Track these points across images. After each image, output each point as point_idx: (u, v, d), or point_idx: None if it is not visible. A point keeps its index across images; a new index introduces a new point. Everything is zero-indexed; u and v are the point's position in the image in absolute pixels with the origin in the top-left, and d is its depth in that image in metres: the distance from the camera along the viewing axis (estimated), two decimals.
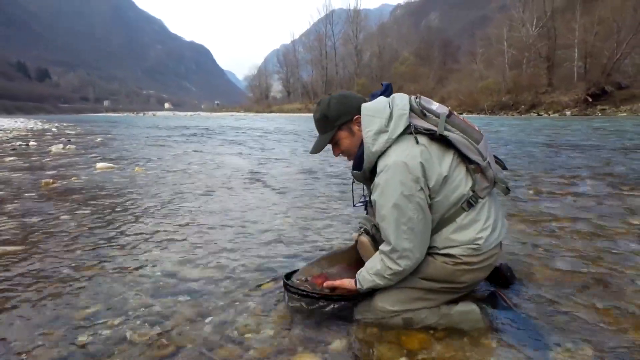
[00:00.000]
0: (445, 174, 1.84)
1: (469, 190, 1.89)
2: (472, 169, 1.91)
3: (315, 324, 2.03)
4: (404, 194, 1.78)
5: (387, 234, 1.83)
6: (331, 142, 2.09)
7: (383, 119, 1.89)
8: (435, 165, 1.84)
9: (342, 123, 2.03)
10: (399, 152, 1.84)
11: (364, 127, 1.93)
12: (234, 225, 3.82)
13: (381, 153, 1.88)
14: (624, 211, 4.08)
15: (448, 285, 1.96)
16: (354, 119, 2.02)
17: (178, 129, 24.09)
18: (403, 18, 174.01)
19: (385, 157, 1.86)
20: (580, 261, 2.81)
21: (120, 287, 2.48)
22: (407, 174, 1.79)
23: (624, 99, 38.01)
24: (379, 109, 1.94)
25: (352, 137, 2.05)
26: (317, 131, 2.11)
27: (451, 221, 1.89)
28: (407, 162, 1.80)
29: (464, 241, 1.89)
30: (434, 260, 1.93)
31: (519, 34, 55.70)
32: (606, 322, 2.01)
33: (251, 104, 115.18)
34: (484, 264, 1.95)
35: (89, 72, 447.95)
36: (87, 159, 8.99)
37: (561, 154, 9.06)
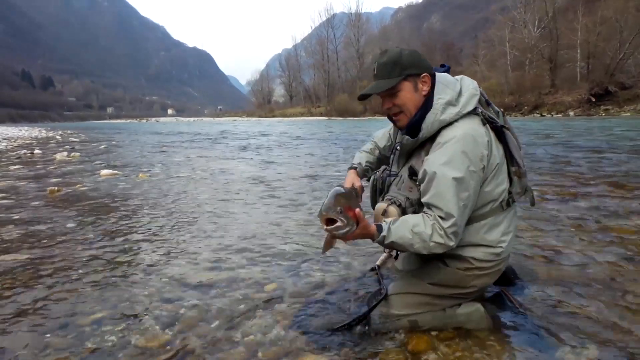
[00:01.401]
0: (499, 162, 1.83)
1: (508, 190, 1.88)
2: (513, 170, 1.90)
3: (321, 326, 2.04)
4: (470, 169, 1.71)
5: (447, 205, 1.68)
6: (390, 90, 1.88)
7: (455, 92, 1.86)
8: (495, 150, 1.82)
9: (410, 74, 1.87)
10: (466, 126, 1.79)
11: (436, 94, 1.86)
12: (238, 230, 3.83)
13: (447, 124, 1.82)
14: (629, 211, 4.06)
15: (457, 291, 1.95)
16: (421, 76, 1.90)
17: (181, 134, 24.20)
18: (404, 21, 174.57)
19: (453, 128, 1.80)
20: (585, 261, 2.81)
21: (126, 292, 2.50)
22: (475, 149, 1.74)
23: (627, 99, 37.88)
24: (451, 82, 1.91)
25: (414, 94, 1.90)
26: (374, 78, 1.92)
27: (485, 217, 1.84)
28: (476, 137, 1.77)
29: (491, 241, 1.86)
30: (444, 267, 1.92)
31: (521, 35, 55.70)
32: (611, 322, 2.01)
33: (254, 109, 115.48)
34: (495, 269, 1.94)
35: (93, 80, 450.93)
36: (92, 166, 9.05)
37: (565, 154, 9.03)
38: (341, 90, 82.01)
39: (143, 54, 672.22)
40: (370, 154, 2.39)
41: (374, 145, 2.42)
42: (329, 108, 74.67)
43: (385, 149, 2.36)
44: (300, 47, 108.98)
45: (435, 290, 1.94)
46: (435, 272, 1.94)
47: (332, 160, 9.43)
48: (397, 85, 1.87)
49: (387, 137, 2.38)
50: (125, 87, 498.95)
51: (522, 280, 2.49)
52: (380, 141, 2.41)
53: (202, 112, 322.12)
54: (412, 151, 1.97)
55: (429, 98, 1.89)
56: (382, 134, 2.43)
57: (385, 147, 2.37)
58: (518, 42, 55.54)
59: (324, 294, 2.41)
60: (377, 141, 2.42)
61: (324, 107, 78.98)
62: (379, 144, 2.40)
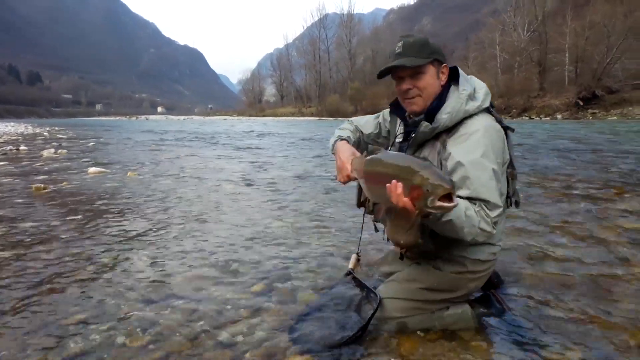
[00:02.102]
0: (507, 160, 1.84)
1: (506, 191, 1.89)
2: (509, 172, 1.91)
3: (307, 327, 2.03)
4: (498, 161, 1.74)
5: (492, 196, 1.65)
6: (417, 69, 1.85)
7: (472, 87, 1.88)
8: (506, 146, 1.85)
9: (436, 59, 1.88)
10: (487, 120, 1.82)
11: (461, 85, 1.88)
12: (225, 229, 3.81)
13: (468, 115, 1.83)
14: (615, 214, 4.12)
15: (449, 295, 1.96)
16: (442, 65, 1.92)
17: (171, 132, 24.02)
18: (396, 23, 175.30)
19: (475, 121, 1.81)
20: (570, 264, 2.84)
21: (111, 292, 2.47)
22: (499, 142, 1.78)
23: (614, 103, 38.43)
24: (468, 78, 1.94)
25: (435, 80, 1.90)
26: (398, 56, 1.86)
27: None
28: (498, 132, 1.81)
29: (493, 239, 1.87)
30: (437, 271, 1.93)
31: (510, 38, 56.22)
32: (595, 324, 2.04)
33: (244, 108, 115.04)
34: (486, 272, 1.98)
35: (82, 76, 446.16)
36: (79, 163, 8.94)
37: (552, 157, 9.13)
38: (332, 91, 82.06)
39: (133, 51, 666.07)
40: (353, 133, 2.28)
41: (354, 127, 2.32)
42: (320, 108, 74.67)
43: (370, 137, 2.30)
44: (291, 47, 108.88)
45: (427, 295, 1.95)
46: (428, 277, 1.94)
47: (322, 160, 9.43)
48: (424, 65, 1.86)
49: (376, 125, 2.30)
50: (114, 84, 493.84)
51: (508, 282, 2.51)
52: (365, 127, 2.31)
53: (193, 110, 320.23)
54: (423, 143, 1.91)
55: (445, 89, 1.91)
56: (367, 120, 2.35)
57: (372, 135, 2.29)
58: (508, 45, 56.05)
59: (312, 295, 2.40)
60: (361, 127, 2.32)
61: (315, 108, 78.96)
62: (363, 130, 2.31)
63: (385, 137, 2.28)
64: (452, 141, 1.80)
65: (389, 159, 1.62)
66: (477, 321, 2.01)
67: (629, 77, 40.15)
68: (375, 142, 2.27)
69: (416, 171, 1.41)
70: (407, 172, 1.44)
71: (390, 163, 1.57)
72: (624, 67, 40.83)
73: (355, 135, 2.26)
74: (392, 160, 1.60)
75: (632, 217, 4.00)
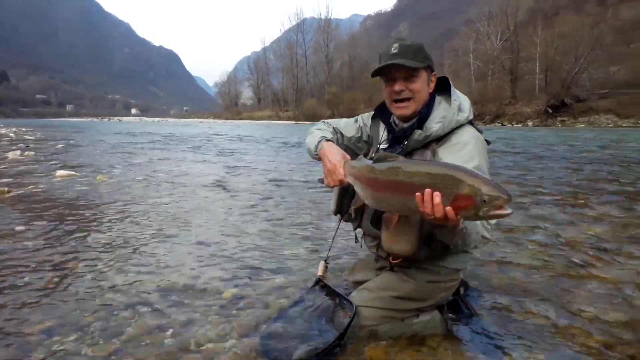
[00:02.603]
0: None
1: None
2: None
3: (278, 334, 2.02)
4: (488, 171, 1.79)
5: None
6: (413, 71, 1.86)
7: (459, 99, 1.92)
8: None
9: (429, 65, 1.90)
10: (474, 131, 1.86)
11: (453, 95, 1.91)
12: (196, 235, 3.76)
13: (458, 126, 1.86)
14: (579, 220, 4.27)
15: (419, 305, 1.99)
16: (432, 73, 1.94)
17: (145, 135, 23.57)
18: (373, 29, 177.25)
19: (465, 131, 1.85)
20: (534, 269, 2.92)
21: (77, 300, 2.40)
22: (486, 153, 1.83)
23: (581, 111, 39.85)
24: (455, 91, 1.96)
25: (426, 86, 1.92)
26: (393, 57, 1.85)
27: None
28: (484, 142, 1.85)
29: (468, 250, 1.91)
30: (410, 280, 1.96)
31: (484, 47, 57.60)
32: (558, 328, 2.11)
33: (221, 111, 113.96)
34: (457, 282, 2.04)
35: (52, 75, 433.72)
36: (47, 166, 8.65)
37: (520, 162, 9.39)
38: (310, 95, 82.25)
39: (106, 51, 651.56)
40: (332, 134, 2.18)
41: (332, 129, 2.23)
42: (297, 112, 74.66)
43: (351, 141, 2.23)
44: (269, 51, 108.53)
45: (398, 304, 1.97)
46: (400, 285, 1.96)
47: (297, 165, 9.42)
48: (419, 69, 1.87)
49: (357, 129, 2.23)
50: (86, 84, 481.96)
51: (475, 288, 2.57)
52: (345, 130, 2.23)
53: (168, 112, 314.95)
54: (412, 151, 1.91)
55: (432, 97, 1.93)
56: (347, 123, 2.27)
57: (353, 139, 2.22)
58: (481, 54, 57.45)
59: (283, 303, 2.39)
60: (341, 129, 2.24)
61: (292, 112, 78.89)
62: (344, 132, 2.23)
63: (365, 141, 2.23)
64: (444, 150, 1.82)
65: (415, 167, 1.53)
66: (446, 327, 2.04)
67: (595, 87, 41.78)
68: (355, 146, 2.22)
69: (461, 180, 1.37)
70: (449, 182, 1.39)
71: (418, 171, 1.49)
72: (591, 77, 42.45)
73: (334, 137, 2.18)
74: (419, 169, 1.50)
75: (596, 222, 4.15)
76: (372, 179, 1.69)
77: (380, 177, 1.64)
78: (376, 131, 2.17)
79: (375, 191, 1.69)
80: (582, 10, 49.90)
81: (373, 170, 1.69)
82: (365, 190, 1.76)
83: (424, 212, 1.41)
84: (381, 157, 1.69)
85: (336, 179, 1.86)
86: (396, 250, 1.83)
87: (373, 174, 1.68)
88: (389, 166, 1.61)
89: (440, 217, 1.38)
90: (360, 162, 1.85)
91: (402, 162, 1.61)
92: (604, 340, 1.99)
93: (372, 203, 1.76)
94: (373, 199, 1.73)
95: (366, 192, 1.76)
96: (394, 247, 1.82)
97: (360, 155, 2.13)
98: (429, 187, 1.41)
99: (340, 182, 1.86)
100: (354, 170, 1.81)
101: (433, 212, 1.39)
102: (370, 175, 1.70)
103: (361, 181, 1.77)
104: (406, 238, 1.77)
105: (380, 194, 1.67)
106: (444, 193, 1.38)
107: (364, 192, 1.77)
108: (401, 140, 1.97)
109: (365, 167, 1.75)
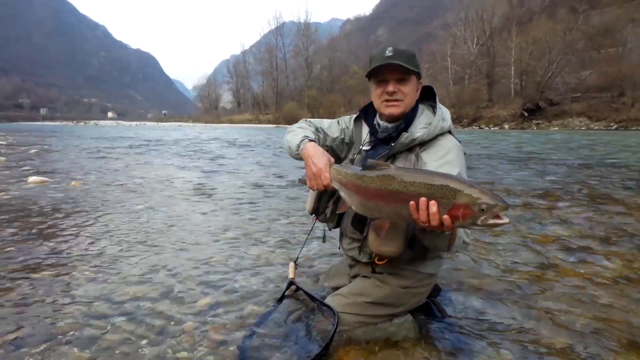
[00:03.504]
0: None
1: None
2: None
3: (249, 341, 2.01)
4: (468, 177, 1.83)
5: None
6: (407, 74, 1.90)
7: (441, 109, 1.99)
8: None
9: (418, 73, 1.95)
10: (454, 140, 1.93)
11: (438, 104, 1.99)
12: (171, 242, 3.71)
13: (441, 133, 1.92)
14: (547, 221, 4.39)
15: (392, 310, 2.02)
16: (419, 82, 2.00)
17: (121, 139, 23.14)
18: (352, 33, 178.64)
19: (447, 138, 1.92)
20: (504, 271, 2.99)
21: (48, 310, 2.35)
22: (464, 160, 1.90)
23: (555, 115, 40.94)
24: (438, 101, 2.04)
25: (415, 92, 1.98)
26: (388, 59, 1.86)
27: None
28: (462, 150, 1.92)
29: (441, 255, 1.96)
30: (384, 285, 1.99)
31: (461, 51, 58.64)
32: (525, 329, 2.17)
33: (200, 114, 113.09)
34: (429, 287, 2.09)
35: (24, 78, 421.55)
36: (19, 172, 8.40)
37: (494, 164, 9.57)
38: (290, 98, 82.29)
39: (81, 54, 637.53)
40: (315, 134, 2.15)
41: (314, 128, 2.21)
42: (277, 116, 74.61)
43: (335, 141, 2.21)
44: (248, 54, 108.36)
45: (372, 309, 1.99)
46: (374, 291, 1.99)
47: (277, 169, 9.39)
48: (411, 74, 1.92)
49: (341, 130, 2.22)
50: (60, 87, 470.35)
51: (447, 290, 2.61)
52: (330, 131, 2.22)
53: (146, 116, 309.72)
54: (397, 154, 1.94)
55: (416, 105, 1.99)
56: (331, 123, 2.27)
57: (337, 140, 2.21)
58: (459, 58, 58.48)
59: (259, 309, 2.38)
60: (325, 129, 2.22)
61: (273, 115, 78.79)
62: (328, 133, 2.21)
63: (347, 143, 2.24)
64: (427, 155, 1.86)
65: (410, 176, 1.54)
66: (419, 330, 2.08)
67: (568, 91, 43.04)
68: (338, 147, 2.23)
69: (459, 190, 1.41)
70: (446, 191, 1.43)
71: (413, 182, 1.51)
72: (564, 80, 43.71)
73: (317, 137, 2.14)
74: (415, 178, 1.52)
75: (564, 224, 4.27)
76: (362, 187, 1.70)
77: (371, 185, 1.65)
78: (359, 133, 2.19)
79: (366, 199, 1.70)
80: (555, 16, 51.32)
81: (363, 178, 1.70)
82: (353, 197, 1.76)
83: (419, 220, 1.45)
84: (371, 165, 1.70)
85: (321, 184, 1.87)
86: (384, 251, 1.85)
87: (363, 181, 1.69)
88: (382, 174, 1.63)
89: (436, 225, 1.42)
90: (347, 168, 1.85)
91: (395, 170, 1.62)
92: (570, 340, 2.05)
93: (361, 210, 1.77)
94: (362, 206, 1.74)
95: (354, 199, 1.77)
96: (382, 248, 1.84)
97: (347, 161, 2.15)
98: (425, 197, 1.45)
99: (325, 187, 1.86)
100: (341, 177, 1.82)
101: (428, 220, 1.43)
102: (360, 182, 1.70)
103: (349, 188, 1.77)
104: (394, 240, 1.80)
105: (371, 202, 1.68)
106: (440, 202, 1.43)
107: (352, 198, 1.78)
108: (386, 142, 2.00)
109: (354, 174, 1.76)
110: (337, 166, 1.88)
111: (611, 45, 44.67)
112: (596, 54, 45.07)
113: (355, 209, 1.80)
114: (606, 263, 3.12)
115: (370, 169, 1.70)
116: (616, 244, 3.57)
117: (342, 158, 2.24)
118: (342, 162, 2.21)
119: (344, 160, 2.22)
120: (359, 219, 1.99)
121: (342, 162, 2.21)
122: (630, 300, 2.48)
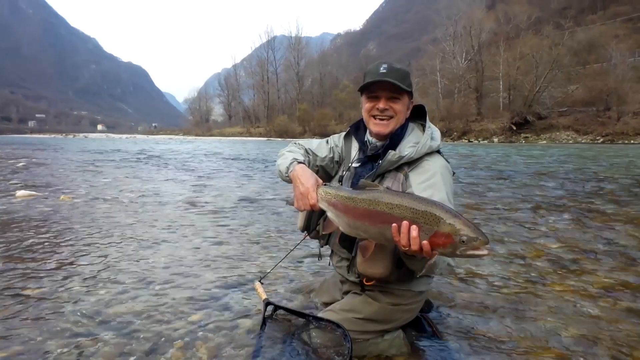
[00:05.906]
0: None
1: None
2: None
3: (241, 357, 1.98)
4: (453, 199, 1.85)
5: None
6: (399, 92, 1.93)
7: (431, 129, 2.01)
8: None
9: (411, 92, 1.98)
10: (443, 160, 1.95)
11: (427, 123, 2.01)
12: (164, 258, 3.69)
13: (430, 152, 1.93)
14: (537, 236, 4.44)
15: (382, 327, 2.02)
16: (410, 101, 2.03)
17: (111, 152, 22.99)
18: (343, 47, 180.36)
19: (435, 158, 1.93)
20: (495, 286, 3.02)
21: (37, 327, 2.31)
22: (452, 181, 1.92)
23: (543, 128, 41.60)
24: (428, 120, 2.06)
25: (405, 110, 2.00)
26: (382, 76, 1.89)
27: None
28: (450, 171, 1.94)
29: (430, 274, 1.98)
30: (374, 302, 1.99)
31: (450, 65, 59.50)
32: (516, 343, 2.18)
33: (191, 127, 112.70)
34: (419, 304, 2.09)
35: (13, 90, 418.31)
36: (6, 185, 8.30)
37: (482, 178, 9.65)
38: (281, 112, 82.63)
39: (71, 66, 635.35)
40: (304, 156, 2.17)
41: (304, 150, 2.23)
42: (269, 129, 74.74)
43: (325, 160, 2.23)
44: (240, 67, 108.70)
45: (363, 325, 1.99)
46: (365, 307, 2.00)
47: (268, 183, 9.38)
48: (404, 93, 1.95)
49: (329, 149, 2.25)
50: (50, 99, 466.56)
51: (438, 306, 2.62)
52: (318, 151, 2.25)
53: (136, 128, 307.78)
54: (385, 172, 1.95)
55: (406, 123, 2.01)
56: (319, 144, 2.29)
57: (326, 159, 2.23)
58: (448, 72, 59.31)
59: (251, 325, 2.36)
60: (313, 150, 2.25)
61: (264, 128, 78.92)
62: (317, 153, 2.24)
63: (337, 162, 2.26)
64: (414, 175, 1.87)
65: (397, 199, 1.56)
66: (410, 346, 2.08)
67: (555, 105, 43.84)
68: (328, 166, 2.25)
69: (442, 219, 1.43)
70: (430, 218, 1.45)
71: (400, 205, 1.52)
72: (551, 95, 44.50)
73: (306, 159, 2.16)
74: (401, 202, 1.53)
75: (553, 238, 4.31)
76: (349, 207, 1.71)
77: (359, 206, 1.67)
78: (348, 150, 2.21)
79: (353, 219, 1.71)
80: (541, 32, 52.41)
81: (351, 198, 1.71)
82: (341, 217, 1.77)
83: (399, 243, 1.47)
84: (362, 186, 1.72)
85: (307, 204, 1.87)
86: (370, 273, 1.85)
87: (351, 202, 1.70)
88: (370, 196, 1.64)
89: (416, 250, 1.44)
90: (334, 188, 1.86)
91: (383, 192, 1.63)
92: (560, 353, 2.07)
93: (348, 230, 1.78)
94: (349, 226, 1.75)
95: (341, 219, 1.77)
96: (369, 270, 1.84)
97: (334, 181, 2.16)
98: (409, 220, 1.47)
99: (312, 207, 1.87)
100: (329, 197, 1.83)
101: (409, 244, 1.45)
102: (348, 203, 1.72)
103: (337, 208, 1.78)
104: (381, 262, 1.80)
105: (358, 222, 1.69)
106: (423, 228, 1.45)
107: (339, 219, 1.79)
108: (374, 159, 2.02)
109: (341, 194, 1.77)
110: (325, 186, 1.90)
111: (596, 61, 45.73)
112: (582, 69, 46.03)
113: (342, 229, 1.80)
114: (595, 276, 3.16)
115: (360, 189, 1.72)
116: (604, 257, 3.62)
117: (333, 176, 2.26)
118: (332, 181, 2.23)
119: (334, 177, 2.23)
120: (348, 238, 2.00)
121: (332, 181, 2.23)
122: (619, 313, 2.51)
